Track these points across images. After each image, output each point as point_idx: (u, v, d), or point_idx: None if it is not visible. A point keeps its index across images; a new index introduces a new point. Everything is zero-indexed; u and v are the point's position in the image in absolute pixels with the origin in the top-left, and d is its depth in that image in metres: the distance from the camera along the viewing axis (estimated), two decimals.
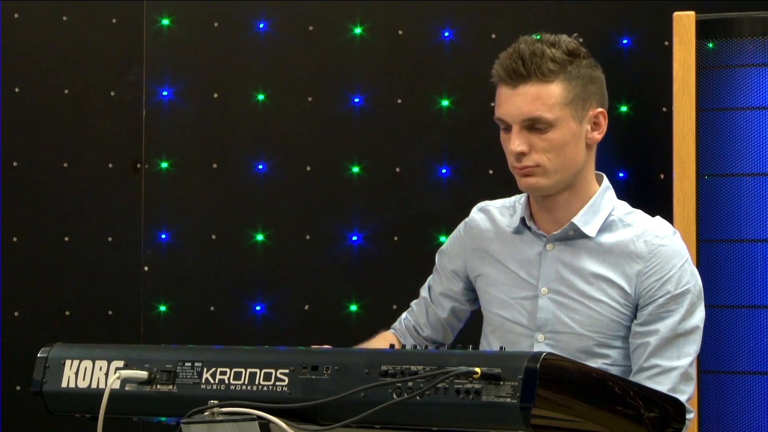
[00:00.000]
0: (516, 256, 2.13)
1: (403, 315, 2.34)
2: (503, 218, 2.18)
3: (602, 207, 2.10)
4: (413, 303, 2.33)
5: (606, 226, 2.09)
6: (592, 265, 2.07)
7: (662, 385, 1.98)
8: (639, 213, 2.13)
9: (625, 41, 3.47)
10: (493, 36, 3.54)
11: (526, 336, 2.09)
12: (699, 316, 2.05)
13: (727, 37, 3.13)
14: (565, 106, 2.02)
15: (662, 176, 3.42)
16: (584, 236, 2.07)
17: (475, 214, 2.24)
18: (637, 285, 2.04)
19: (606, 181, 2.14)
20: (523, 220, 2.13)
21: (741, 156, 3.14)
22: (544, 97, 2.00)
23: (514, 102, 2.01)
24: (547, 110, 2.00)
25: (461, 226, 2.26)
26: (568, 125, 2.03)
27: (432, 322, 2.27)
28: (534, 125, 2.01)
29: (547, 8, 3.51)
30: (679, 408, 1.85)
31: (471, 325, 2.32)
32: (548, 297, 2.08)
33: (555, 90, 2.00)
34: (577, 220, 2.07)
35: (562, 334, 2.06)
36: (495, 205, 2.22)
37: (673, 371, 2.00)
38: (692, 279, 2.05)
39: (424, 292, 2.31)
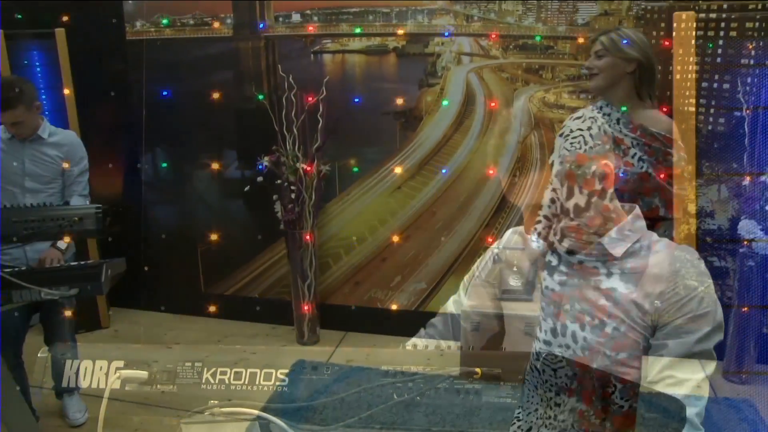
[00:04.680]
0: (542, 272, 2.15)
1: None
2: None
3: (631, 232, 2.12)
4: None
5: (632, 251, 2.11)
6: (616, 285, 2.08)
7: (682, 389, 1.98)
8: (666, 241, 2.15)
9: (624, 41, 3.47)
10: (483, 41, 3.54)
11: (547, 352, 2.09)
12: (715, 341, 2.06)
13: (727, 37, 3.13)
14: None
15: (662, 175, 3.41)
16: (610, 257, 2.09)
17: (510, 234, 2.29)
18: (657, 307, 2.05)
19: (637, 210, 2.17)
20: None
21: (741, 156, 3.14)
22: None
23: None
24: None
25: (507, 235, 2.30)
26: None
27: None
28: None
29: (547, 8, 3.51)
30: (679, 408, 1.85)
31: None
32: (570, 314, 2.09)
33: None
34: (604, 240, 2.09)
35: (584, 351, 2.07)
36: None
37: (687, 381, 2.01)
38: (713, 306, 2.06)
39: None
